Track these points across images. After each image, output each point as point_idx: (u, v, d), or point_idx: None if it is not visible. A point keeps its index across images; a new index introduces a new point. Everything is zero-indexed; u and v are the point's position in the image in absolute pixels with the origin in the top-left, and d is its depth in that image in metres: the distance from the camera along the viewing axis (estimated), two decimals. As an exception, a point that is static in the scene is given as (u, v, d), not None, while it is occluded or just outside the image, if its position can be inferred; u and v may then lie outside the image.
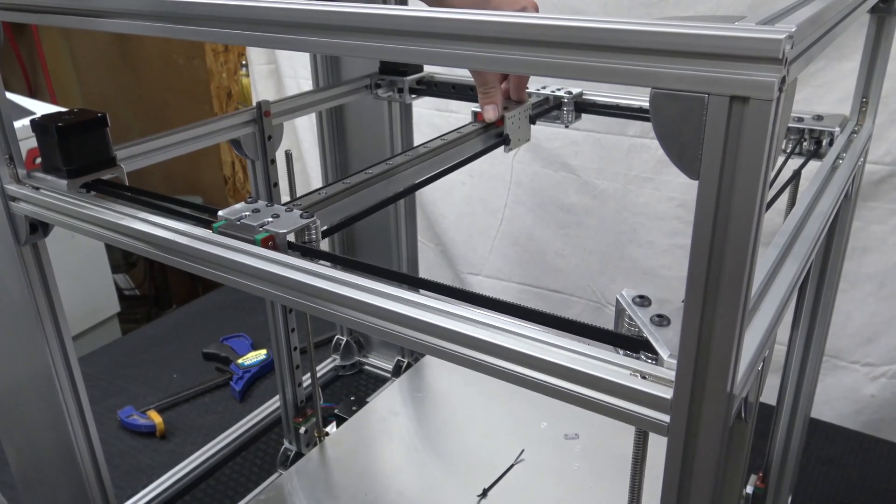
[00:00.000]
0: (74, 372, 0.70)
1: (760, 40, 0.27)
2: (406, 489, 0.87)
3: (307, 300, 0.46)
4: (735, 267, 0.31)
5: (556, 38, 0.30)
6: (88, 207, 0.57)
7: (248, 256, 0.48)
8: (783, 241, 0.50)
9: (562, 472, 0.87)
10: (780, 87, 0.28)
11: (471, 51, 0.33)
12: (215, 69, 2.05)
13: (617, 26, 0.29)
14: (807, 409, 0.79)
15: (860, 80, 0.71)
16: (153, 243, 0.53)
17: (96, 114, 0.62)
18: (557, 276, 1.39)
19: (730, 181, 0.30)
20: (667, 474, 0.36)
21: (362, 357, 1.21)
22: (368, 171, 0.66)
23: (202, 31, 0.44)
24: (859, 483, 0.97)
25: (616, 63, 0.29)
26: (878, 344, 1.13)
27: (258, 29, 0.42)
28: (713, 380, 0.33)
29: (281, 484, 0.90)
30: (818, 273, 0.72)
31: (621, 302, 0.41)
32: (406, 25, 0.36)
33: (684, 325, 0.33)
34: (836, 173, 0.62)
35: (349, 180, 0.64)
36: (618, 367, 0.37)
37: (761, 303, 0.43)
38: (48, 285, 0.66)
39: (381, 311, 0.42)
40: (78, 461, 0.72)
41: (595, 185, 1.28)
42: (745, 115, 0.28)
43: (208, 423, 1.08)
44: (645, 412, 0.35)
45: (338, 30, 0.38)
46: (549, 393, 0.38)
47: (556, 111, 0.82)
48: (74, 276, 1.68)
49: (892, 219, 1.06)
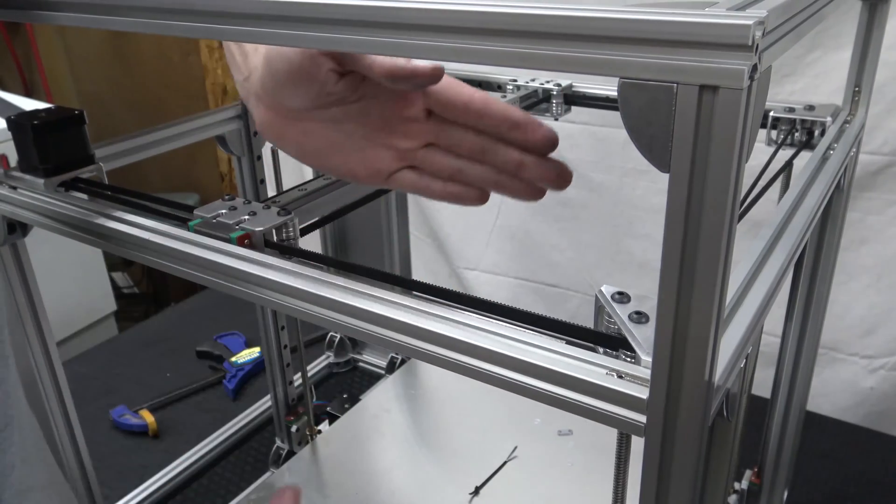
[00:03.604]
0: (58, 374, 0.69)
1: (728, 26, 0.26)
2: (398, 487, 0.86)
3: (282, 299, 0.45)
4: (709, 261, 0.30)
5: (516, 26, 0.29)
6: (64, 207, 0.56)
7: (222, 255, 0.48)
8: (770, 232, 0.49)
9: (555, 469, 0.87)
10: (751, 75, 0.27)
11: (421, 40, 0.32)
12: (210, 65, 2.05)
13: (579, 13, 0.28)
14: (802, 402, 0.78)
15: (852, 69, 0.70)
16: (128, 242, 0.52)
17: (73, 111, 0.61)
18: (554, 270, 1.38)
19: (702, 173, 0.29)
20: (644, 476, 0.35)
21: (356, 354, 1.21)
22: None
23: (192, 27, 0.43)
24: (857, 477, 0.96)
25: (580, 52, 0.28)
26: (877, 336, 1.12)
27: (251, 24, 0.40)
28: (690, 378, 0.32)
29: (272, 483, 0.89)
30: (811, 264, 0.71)
31: (600, 299, 0.40)
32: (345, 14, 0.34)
33: (658, 323, 0.32)
34: (827, 163, 0.61)
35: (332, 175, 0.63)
36: (595, 366, 0.36)
37: (746, 295, 0.42)
38: (29, 286, 0.65)
39: (353, 310, 0.41)
40: (64, 465, 0.71)
41: (591, 178, 1.27)
42: (714, 104, 0.27)
43: (201, 422, 1.07)
44: (621, 412, 0.34)
45: (319, 23, 0.37)
46: (525, 393, 0.37)
47: (544, 104, 0.81)
48: (70, 275, 1.68)
49: (889, 209, 1.05)
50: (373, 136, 0.51)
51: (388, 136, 0.51)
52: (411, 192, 0.53)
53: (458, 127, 0.50)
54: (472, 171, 0.51)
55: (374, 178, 0.53)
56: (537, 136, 0.48)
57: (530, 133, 0.48)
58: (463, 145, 0.50)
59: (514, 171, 0.49)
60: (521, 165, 0.49)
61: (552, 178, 0.49)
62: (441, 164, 0.51)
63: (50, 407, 0.69)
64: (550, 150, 0.49)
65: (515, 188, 0.50)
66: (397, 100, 0.50)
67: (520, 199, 0.51)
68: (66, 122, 0.60)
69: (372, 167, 0.52)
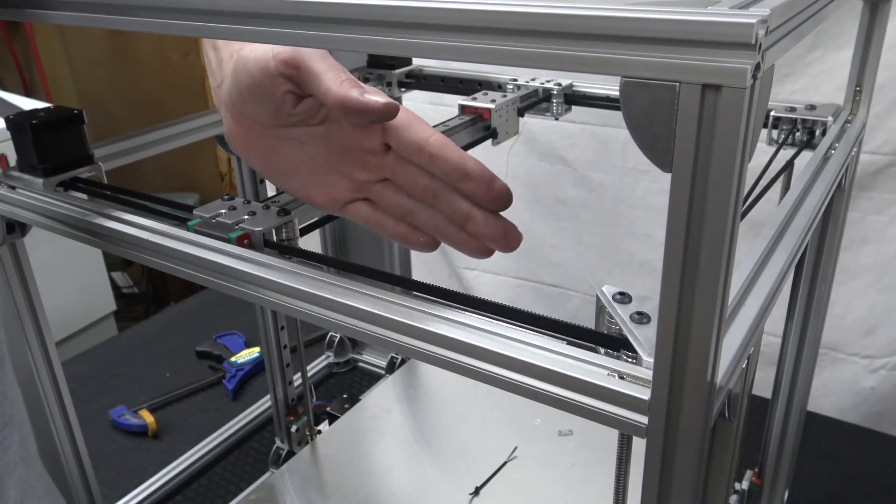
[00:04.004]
0: (58, 374, 0.69)
1: (731, 25, 0.26)
2: (398, 487, 0.86)
3: (282, 300, 0.45)
4: (711, 261, 0.30)
5: (517, 25, 0.29)
6: (63, 206, 0.56)
7: (222, 255, 0.47)
8: (772, 232, 0.49)
9: (555, 469, 0.86)
10: (754, 74, 0.27)
11: (421, 40, 0.31)
12: (210, 65, 2.04)
13: (581, 12, 0.28)
14: (802, 402, 0.78)
15: (853, 69, 0.69)
16: (128, 242, 0.52)
17: (72, 111, 0.61)
18: (554, 270, 1.38)
19: (704, 173, 0.29)
20: (646, 477, 0.35)
21: (356, 354, 1.21)
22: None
23: (192, 27, 0.43)
24: (858, 477, 0.96)
25: (582, 51, 0.28)
26: (878, 336, 1.11)
27: (251, 23, 0.40)
28: (692, 379, 0.32)
29: (272, 483, 0.89)
30: (812, 264, 0.71)
31: (601, 299, 0.40)
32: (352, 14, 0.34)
33: (660, 323, 0.32)
34: (829, 163, 0.61)
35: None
36: (596, 367, 0.36)
37: (748, 296, 0.42)
38: (28, 286, 0.65)
39: (353, 310, 0.41)
40: (63, 465, 0.71)
41: (591, 178, 1.27)
42: (717, 104, 0.27)
43: (201, 422, 1.07)
44: (623, 413, 0.34)
45: (321, 21, 0.37)
46: (526, 394, 0.37)
47: (545, 103, 0.81)
48: (69, 275, 1.68)
49: (890, 209, 1.05)
50: (333, 162, 0.51)
51: (347, 165, 0.50)
52: (364, 225, 0.52)
53: (413, 167, 0.48)
54: (422, 214, 0.49)
55: (330, 205, 0.52)
56: (488, 192, 0.46)
57: (481, 187, 0.45)
58: (416, 186, 0.48)
59: (461, 223, 0.47)
60: (469, 218, 0.47)
61: (497, 238, 0.47)
62: (394, 202, 0.50)
63: (49, 407, 0.68)
64: (502, 208, 0.46)
65: (461, 240, 0.48)
66: (358, 130, 0.49)
67: (466, 254, 0.48)
68: (65, 121, 0.60)
69: (328, 194, 0.51)
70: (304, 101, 0.49)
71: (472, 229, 0.47)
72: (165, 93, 2.23)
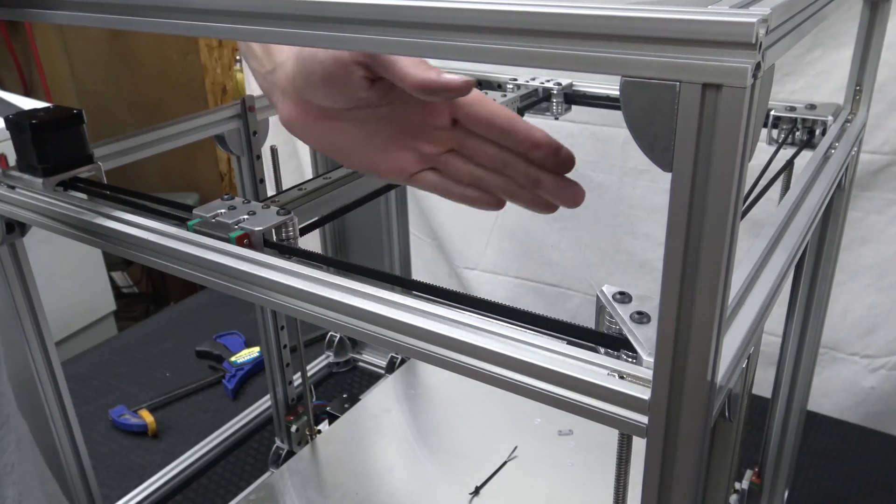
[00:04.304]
0: (57, 374, 0.69)
1: (731, 24, 0.26)
2: (398, 487, 0.86)
3: (282, 299, 0.45)
4: (712, 260, 0.30)
5: (517, 24, 0.29)
6: (62, 206, 0.56)
7: (221, 255, 0.47)
8: (772, 232, 0.49)
9: (555, 469, 0.86)
10: (755, 73, 0.26)
11: (421, 39, 0.31)
12: (209, 65, 2.04)
13: (582, 11, 0.28)
14: (802, 402, 0.78)
15: (853, 68, 0.69)
16: (127, 242, 0.52)
17: (72, 110, 0.61)
18: (554, 269, 1.38)
19: (704, 172, 0.28)
20: (646, 477, 0.35)
21: (356, 354, 1.20)
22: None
23: (192, 27, 0.43)
24: (858, 477, 0.96)
25: (582, 51, 0.28)
26: (878, 335, 1.11)
27: (247, 22, 0.40)
28: (692, 378, 0.32)
29: (272, 483, 0.89)
30: (812, 264, 0.71)
31: (601, 299, 0.40)
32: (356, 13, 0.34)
33: (660, 323, 0.32)
34: (829, 163, 0.61)
35: (331, 175, 0.63)
36: (596, 366, 0.36)
37: (748, 295, 0.42)
38: (28, 286, 0.65)
39: (353, 310, 0.41)
40: (63, 465, 0.71)
41: (591, 177, 1.27)
42: (718, 103, 0.27)
43: (201, 422, 1.07)
44: (623, 413, 0.34)
45: (321, 21, 0.37)
46: (526, 393, 0.36)
47: (545, 102, 0.81)
48: (69, 275, 1.68)
49: (890, 209, 1.05)
50: (398, 138, 0.53)
51: (414, 140, 0.53)
52: (431, 191, 0.55)
53: (481, 139, 0.52)
54: (491, 180, 0.53)
55: (397, 176, 0.55)
56: (556, 158, 0.50)
57: (550, 155, 0.50)
58: (484, 156, 0.52)
59: (532, 186, 0.52)
60: (538, 182, 0.51)
61: (566, 198, 0.52)
62: (462, 170, 0.53)
63: (49, 407, 0.68)
64: (567, 171, 0.51)
65: (531, 200, 0.53)
66: (425, 107, 0.51)
67: (533, 211, 0.53)
68: (64, 121, 0.60)
69: (395, 166, 0.54)
70: (376, 84, 0.50)
71: (542, 191, 0.51)
72: (165, 93, 2.23)
